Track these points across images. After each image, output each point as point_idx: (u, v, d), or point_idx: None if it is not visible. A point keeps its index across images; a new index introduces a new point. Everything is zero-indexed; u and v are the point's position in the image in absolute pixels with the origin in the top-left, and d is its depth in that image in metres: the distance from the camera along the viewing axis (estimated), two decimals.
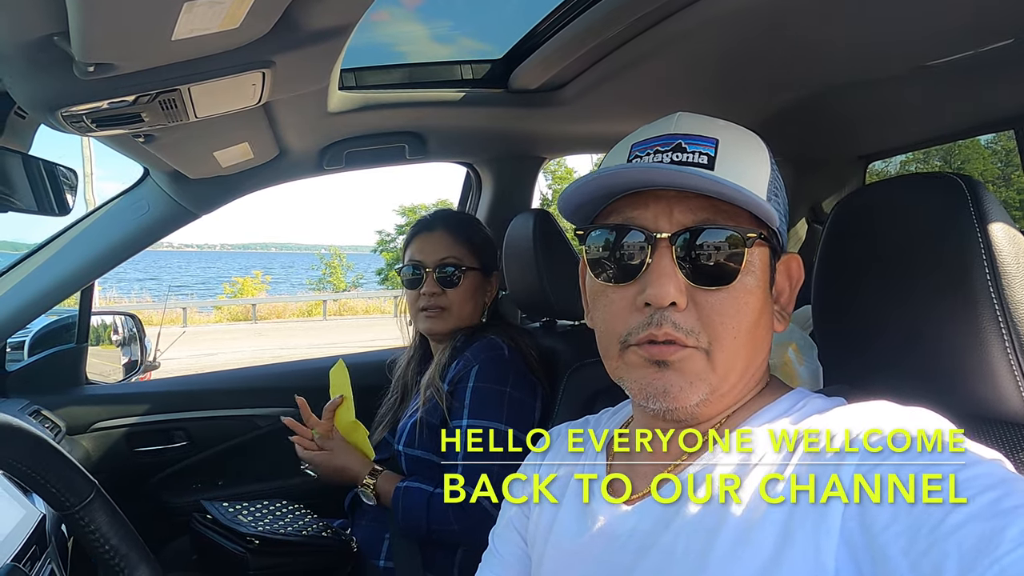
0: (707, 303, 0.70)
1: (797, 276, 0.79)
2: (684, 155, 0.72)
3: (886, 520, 0.55)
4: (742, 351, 0.71)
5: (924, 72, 1.43)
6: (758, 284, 0.72)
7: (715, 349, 0.70)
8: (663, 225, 0.71)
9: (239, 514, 1.58)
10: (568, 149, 2.24)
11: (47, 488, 0.79)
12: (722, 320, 0.70)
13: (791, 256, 0.79)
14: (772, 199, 0.74)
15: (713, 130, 0.74)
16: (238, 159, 1.63)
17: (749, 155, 0.74)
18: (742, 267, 0.70)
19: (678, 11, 1.23)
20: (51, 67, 0.85)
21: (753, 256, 0.71)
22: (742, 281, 0.70)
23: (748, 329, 0.71)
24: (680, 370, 0.71)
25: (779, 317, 0.78)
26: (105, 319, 2.52)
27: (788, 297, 0.78)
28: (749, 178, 0.71)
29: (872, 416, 0.64)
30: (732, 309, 0.70)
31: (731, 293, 0.70)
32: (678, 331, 0.69)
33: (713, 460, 0.71)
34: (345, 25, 1.01)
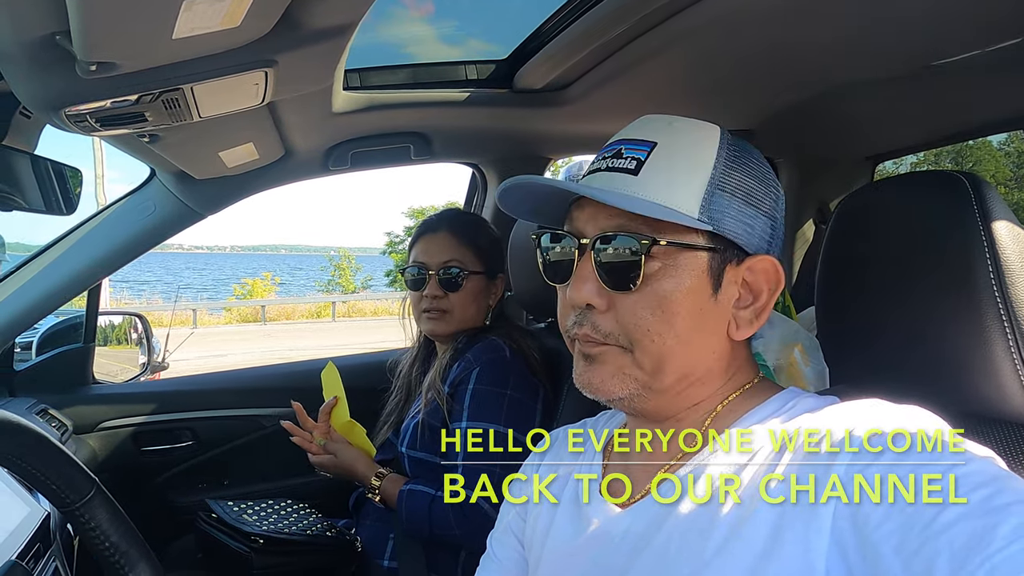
0: (622, 306, 0.73)
1: (774, 279, 0.75)
2: (619, 161, 0.74)
3: (879, 519, 0.55)
4: (674, 353, 0.72)
5: (931, 72, 1.42)
6: (683, 288, 0.72)
7: (636, 349, 0.73)
8: (588, 230, 0.75)
9: (244, 513, 1.58)
10: (573, 149, 2.23)
11: (48, 485, 0.79)
12: (636, 323, 0.72)
13: (762, 258, 0.75)
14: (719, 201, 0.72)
15: (657, 133, 0.75)
16: (243, 159, 1.63)
17: (685, 159, 0.73)
18: (641, 273, 0.71)
19: (683, 10, 1.23)
20: (54, 66, 0.86)
21: (675, 261, 0.71)
22: (656, 286, 0.71)
23: (674, 332, 0.72)
24: (602, 363, 0.75)
25: (746, 321, 0.75)
26: (113, 319, 2.54)
27: (765, 300, 0.75)
28: (674, 184, 0.72)
29: (865, 415, 0.64)
30: (646, 312, 0.72)
31: (643, 296, 0.72)
32: (596, 332, 0.74)
33: (708, 460, 0.71)
34: (347, 24, 1.01)
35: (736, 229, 0.73)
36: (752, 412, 0.74)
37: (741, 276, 0.74)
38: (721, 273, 0.73)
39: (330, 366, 1.68)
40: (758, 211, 0.75)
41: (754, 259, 0.74)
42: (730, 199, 0.73)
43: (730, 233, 0.72)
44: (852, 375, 0.83)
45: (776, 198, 0.77)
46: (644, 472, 0.77)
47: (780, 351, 1.37)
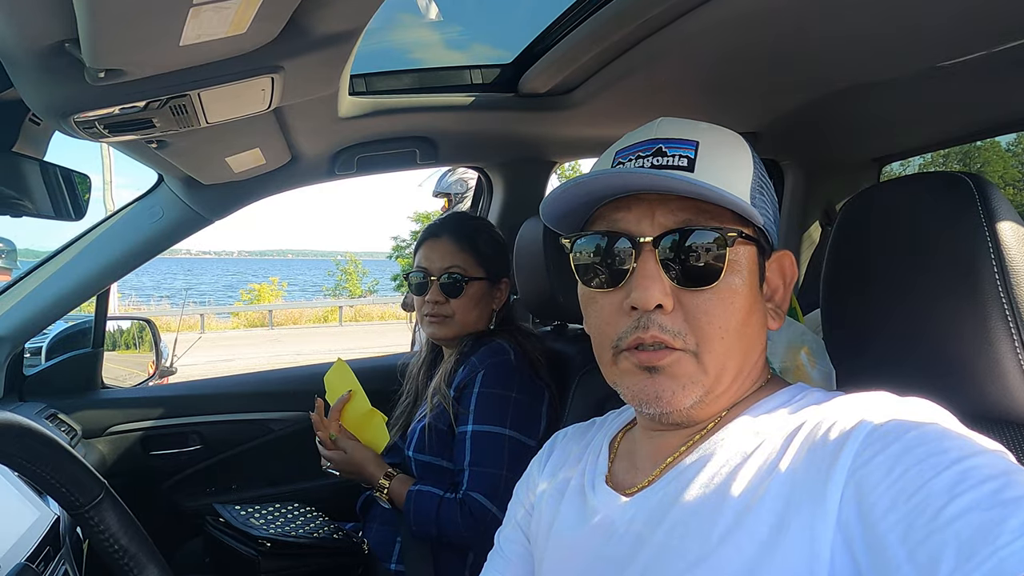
0: (693, 304, 0.71)
1: (791, 273, 0.79)
2: (664, 159, 0.73)
3: (884, 508, 0.55)
4: (733, 351, 0.72)
5: (937, 73, 1.42)
6: (745, 283, 0.72)
7: (703, 350, 0.71)
8: (646, 229, 0.72)
9: (251, 517, 1.59)
10: (578, 152, 2.23)
11: (57, 488, 0.80)
12: (708, 320, 0.71)
13: (783, 254, 0.79)
14: (757, 198, 0.74)
15: (694, 133, 0.75)
16: (250, 164, 1.64)
17: (730, 156, 0.74)
18: (725, 267, 0.70)
19: (686, 13, 1.23)
20: (63, 73, 0.87)
21: (738, 255, 0.72)
22: (727, 280, 0.71)
23: (737, 328, 0.72)
24: (671, 374, 0.72)
25: (773, 315, 0.78)
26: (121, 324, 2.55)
27: (783, 295, 0.79)
28: (730, 178, 0.72)
29: (871, 406, 0.64)
30: (719, 309, 0.71)
31: (716, 293, 0.71)
32: (664, 333, 0.71)
33: (714, 448, 0.71)
34: (352, 30, 1.02)
35: (769, 225, 0.76)
36: (760, 404, 0.74)
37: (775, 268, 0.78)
38: (763, 267, 0.76)
39: (339, 363, 1.69)
40: (775, 210, 0.79)
41: (778, 254, 0.78)
42: (763, 196, 0.76)
43: (767, 228, 0.75)
44: (858, 376, 0.83)
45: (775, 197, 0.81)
46: (650, 462, 0.78)
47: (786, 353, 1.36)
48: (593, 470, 0.84)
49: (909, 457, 0.56)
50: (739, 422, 0.72)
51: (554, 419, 1.58)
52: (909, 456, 0.56)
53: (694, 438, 0.75)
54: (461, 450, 1.50)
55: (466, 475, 1.47)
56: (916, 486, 0.54)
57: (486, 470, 1.46)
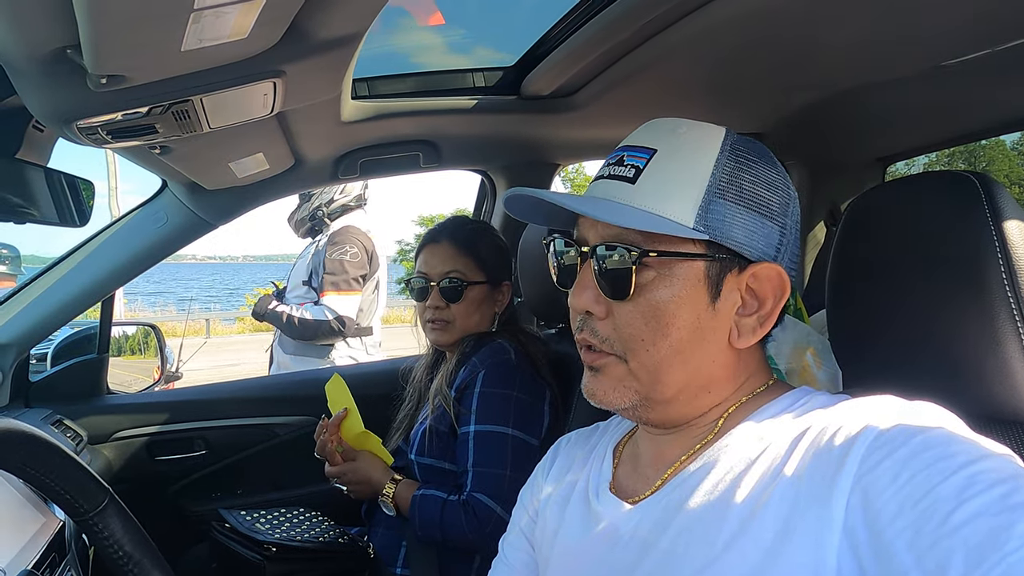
0: (619, 314, 0.74)
1: (775, 287, 0.73)
2: (620, 168, 0.75)
3: (891, 514, 0.54)
4: (668, 362, 0.73)
5: (941, 72, 1.41)
6: (678, 297, 0.71)
7: (630, 358, 0.74)
8: (589, 238, 0.76)
9: (256, 522, 1.58)
10: (582, 155, 2.23)
11: (61, 495, 0.80)
12: (631, 332, 0.73)
13: (766, 266, 0.73)
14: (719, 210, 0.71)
15: (660, 140, 0.75)
16: (253, 169, 1.64)
17: (681, 167, 0.72)
18: (633, 283, 0.71)
19: (689, 14, 1.23)
20: (65, 80, 0.87)
21: (670, 270, 0.71)
22: (650, 295, 0.72)
23: (668, 341, 0.72)
24: (605, 375, 0.76)
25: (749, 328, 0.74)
26: (126, 330, 2.56)
27: (771, 307, 0.74)
28: (669, 193, 0.71)
29: (878, 410, 0.63)
30: (640, 321, 0.72)
31: (637, 306, 0.72)
32: (594, 337, 0.76)
33: (718, 455, 0.71)
34: (354, 34, 1.02)
35: (738, 236, 0.71)
36: (764, 408, 0.73)
37: (744, 283, 0.73)
38: (720, 281, 0.72)
39: (335, 378, 1.68)
40: (764, 217, 0.73)
41: (758, 266, 0.73)
42: (731, 206, 0.71)
43: (730, 241, 0.71)
44: (864, 377, 0.83)
45: (786, 202, 0.75)
46: (654, 470, 0.77)
47: (792, 354, 1.36)
48: (598, 476, 0.84)
49: (916, 462, 0.55)
50: (743, 427, 0.72)
51: (556, 418, 1.58)
52: (916, 461, 0.55)
53: (697, 444, 0.75)
54: (464, 451, 1.50)
55: (470, 476, 1.46)
56: (923, 491, 0.53)
57: (490, 470, 1.46)
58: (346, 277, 3.00)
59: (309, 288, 3.12)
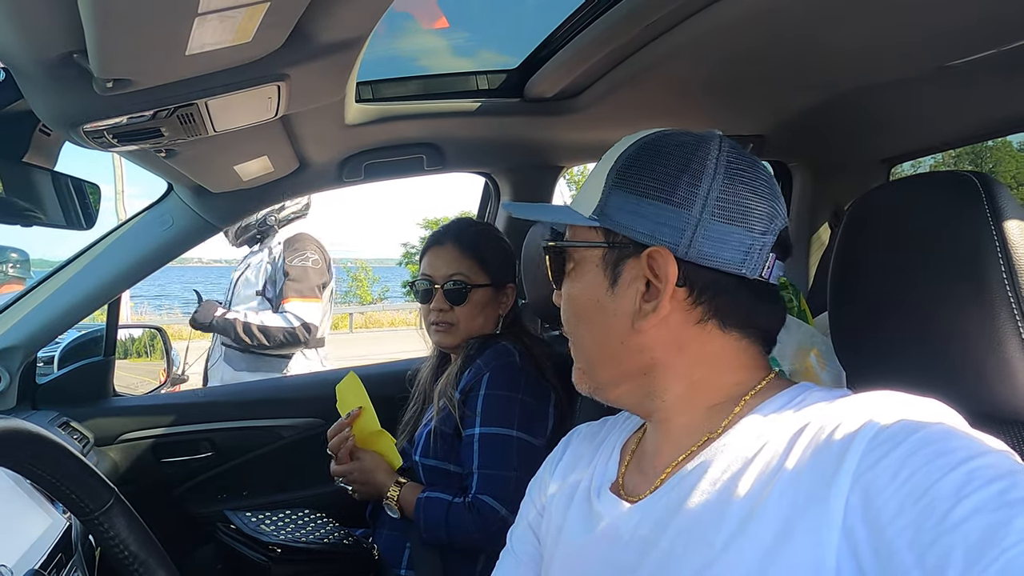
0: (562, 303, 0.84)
1: (663, 269, 0.73)
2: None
3: (892, 513, 0.54)
4: (590, 345, 0.81)
5: (945, 73, 1.41)
6: (583, 284, 0.80)
7: (570, 342, 0.85)
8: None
9: (261, 523, 1.59)
10: (585, 157, 2.23)
11: (67, 494, 0.81)
12: (565, 318, 0.84)
13: (654, 250, 0.73)
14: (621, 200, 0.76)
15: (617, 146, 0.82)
16: (258, 172, 1.65)
17: (598, 169, 0.81)
18: (550, 272, 0.84)
19: (692, 15, 1.23)
20: (71, 84, 0.88)
21: (580, 260, 0.81)
22: (568, 285, 0.82)
23: (585, 326, 0.81)
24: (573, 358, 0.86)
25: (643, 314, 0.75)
26: (133, 332, 2.57)
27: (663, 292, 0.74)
28: (586, 188, 0.81)
29: (877, 406, 0.63)
30: (566, 307, 0.83)
31: (564, 295, 0.83)
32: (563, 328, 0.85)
33: (716, 453, 0.71)
34: (357, 37, 1.03)
35: (629, 222, 0.75)
36: (762, 405, 0.73)
37: (646, 268, 0.75)
38: (618, 266, 0.77)
39: (350, 377, 1.68)
40: (663, 204, 0.74)
41: (649, 250, 0.74)
42: (624, 194, 0.76)
43: (621, 227, 0.75)
44: (865, 377, 0.83)
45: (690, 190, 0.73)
46: (655, 468, 0.78)
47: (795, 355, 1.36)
48: (602, 475, 0.84)
49: (915, 459, 0.55)
50: (742, 425, 0.72)
51: (561, 419, 1.58)
52: (915, 458, 0.56)
53: (696, 443, 0.75)
54: (469, 453, 1.50)
55: (475, 478, 1.47)
56: (923, 489, 0.53)
57: (495, 472, 1.46)
58: (310, 284, 2.87)
59: (263, 299, 2.94)
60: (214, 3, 0.70)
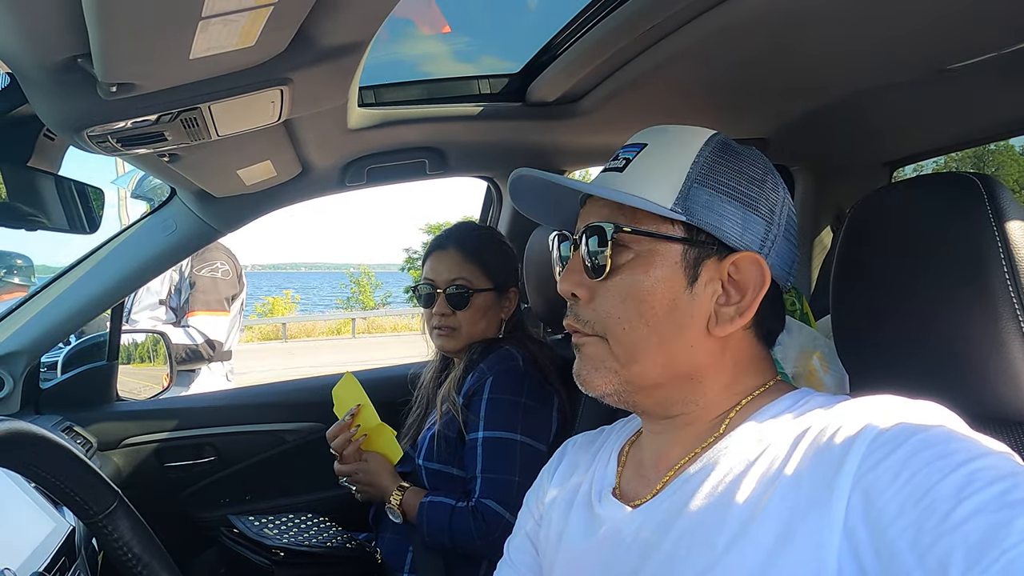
0: (599, 295, 0.77)
1: (753, 278, 0.74)
2: (615, 162, 0.79)
3: (892, 514, 0.55)
4: (645, 344, 0.75)
5: (946, 76, 1.41)
6: (655, 278, 0.74)
7: (609, 338, 0.76)
8: (579, 226, 0.80)
9: (265, 527, 1.59)
10: (588, 161, 2.24)
11: (72, 497, 0.81)
12: (607, 312, 0.76)
13: (745, 255, 0.74)
14: (701, 197, 0.74)
15: (651, 137, 0.79)
16: (261, 177, 1.66)
17: (664, 158, 0.77)
18: (609, 260, 0.75)
19: (693, 19, 1.23)
20: (75, 88, 0.88)
21: (646, 251, 0.74)
22: (628, 275, 0.75)
23: (647, 322, 0.74)
24: (586, 356, 0.79)
25: (727, 317, 0.75)
26: (136, 337, 2.57)
27: (749, 300, 0.74)
28: (654, 179, 0.76)
29: (878, 409, 0.63)
30: (615, 301, 0.75)
31: (615, 285, 0.76)
32: (577, 321, 0.79)
33: (718, 456, 0.71)
34: (360, 42, 1.03)
35: (716, 222, 0.74)
36: (764, 409, 0.74)
37: (726, 272, 0.75)
38: (698, 266, 0.74)
39: (347, 378, 1.69)
40: (747, 208, 0.75)
41: (738, 255, 0.75)
42: (711, 193, 0.74)
43: (709, 226, 0.74)
44: (868, 380, 0.83)
45: (773, 201, 0.77)
46: (655, 472, 0.78)
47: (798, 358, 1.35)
48: (601, 480, 0.84)
49: (915, 461, 0.56)
50: (743, 428, 0.72)
51: (564, 424, 1.58)
52: (915, 460, 0.56)
53: (697, 447, 0.75)
54: (472, 457, 1.50)
55: (479, 482, 1.47)
56: (923, 490, 0.54)
57: (499, 477, 1.46)
58: (217, 296, 2.78)
59: (167, 308, 2.82)
60: (218, 7, 0.71)
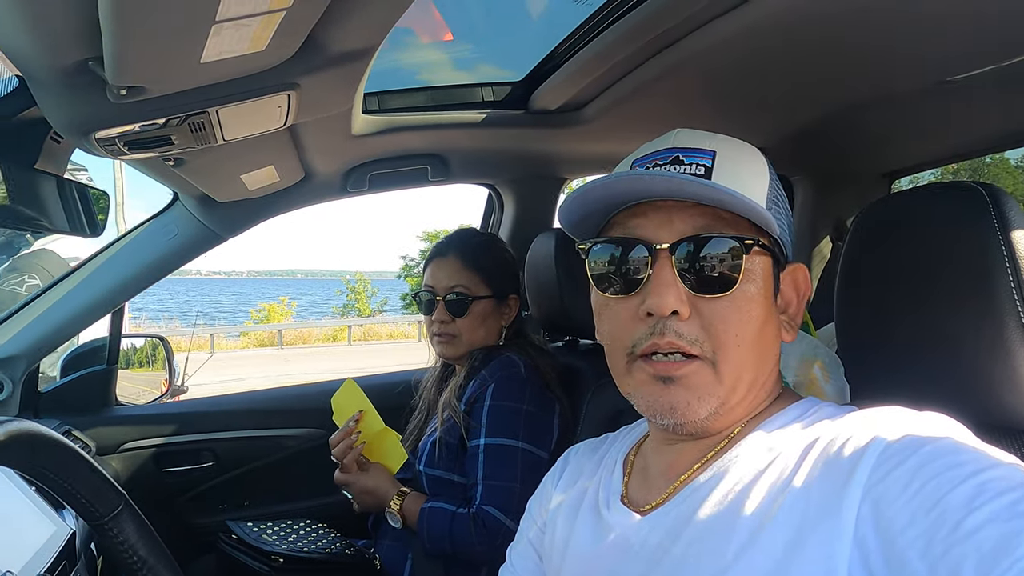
0: (709, 311, 0.71)
1: (804, 287, 0.79)
2: (681, 167, 0.73)
3: (903, 524, 0.55)
4: (748, 360, 0.72)
5: (947, 87, 1.42)
6: (760, 292, 0.72)
7: (720, 359, 0.71)
8: (663, 235, 0.72)
9: (263, 533, 1.59)
10: (589, 169, 2.25)
11: (78, 498, 0.81)
12: (725, 328, 0.70)
13: (797, 266, 0.79)
14: (772, 208, 0.75)
15: (711, 143, 0.75)
16: (264, 182, 1.66)
17: (747, 166, 0.75)
18: (741, 275, 0.70)
19: (696, 29, 1.24)
20: (85, 91, 0.88)
21: (754, 264, 0.72)
22: (743, 289, 0.71)
23: (752, 337, 0.72)
24: (687, 385, 0.71)
25: (786, 327, 0.78)
26: (135, 342, 2.56)
27: (796, 308, 0.78)
28: (747, 187, 0.72)
29: (886, 421, 0.64)
30: (735, 316, 0.71)
31: (733, 301, 0.71)
32: (681, 339, 0.70)
33: (727, 465, 0.71)
34: (367, 48, 1.04)
35: (784, 237, 0.76)
36: (773, 418, 0.74)
37: (785, 281, 0.78)
38: (778, 278, 0.76)
39: (348, 384, 1.68)
40: (787, 219, 0.78)
41: (792, 266, 0.78)
42: (778, 208, 0.76)
43: (782, 239, 0.75)
44: (872, 389, 0.83)
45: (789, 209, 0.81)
46: (664, 480, 0.77)
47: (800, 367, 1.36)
48: (608, 487, 0.84)
49: (925, 471, 0.56)
50: (753, 437, 0.72)
51: (565, 431, 1.58)
52: (925, 470, 0.56)
53: (707, 455, 0.75)
54: (474, 464, 1.50)
55: (479, 489, 1.46)
56: (934, 500, 0.54)
57: (499, 483, 1.46)
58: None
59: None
60: (232, 11, 0.71)
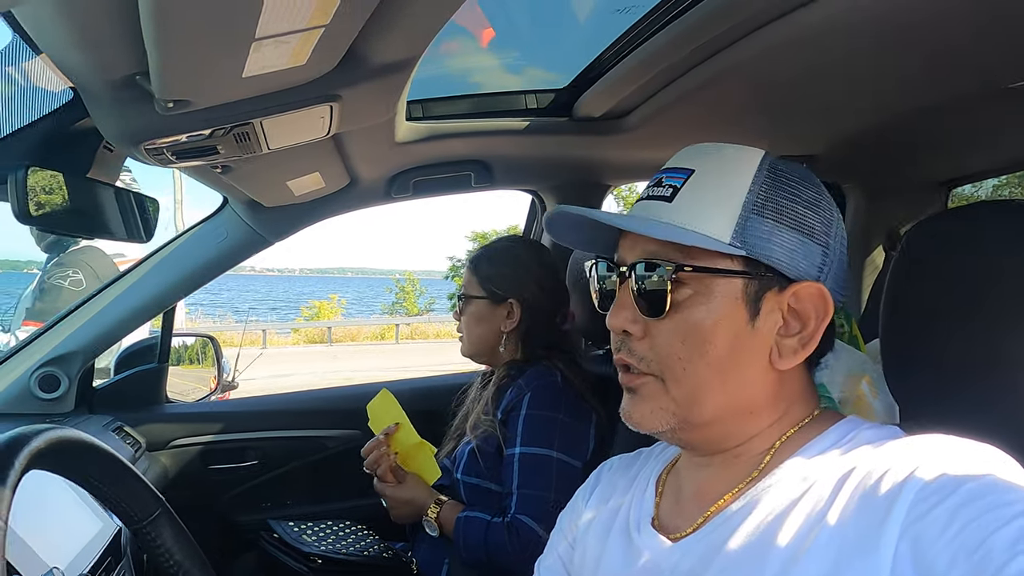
0: (656, 332, 0.73)
1: (816, 307, 0.72)
2: (658, 189, 0.75)
3: (946, 564, 0.52)
4: (707, 383, 0.72)
5: (1008, 94, 1.37)
6: (717, 316, 0.71)
7: (667, 378, 0.73)
8: (627, 258, 0.76)
9: (303, 533, 1.61)
10: (633, 176, 2.22)
11: (117, 503, 0.83)
12: (668, 351, 0.72)
13: (807, 285, 0.72)
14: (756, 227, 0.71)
15: (697, 160, 0.75)
16: (310, 188, 1.69)
17: (717, 185, 0.73)
18: (669, 300, 0.71)
19: (742, 37, 1.21)
20: (134, 104, 0.91)
21: (706, 288, 0.71)
22: (687, 313, 0.71)
23: (709, 361, 0.71)
24: (641, 396, 0.75)
25: (790, 349, 0.73)
26: (186, 340, 2.64)
27: (812, 329, 0.72)
28: (706, 210, 0.72)
29: (928, 452, 0.61)
30: (676, 339, 0.72)
31: (675, 323, 0.72)
32: (631, 357, 0.75)
33: (761, 494, 0.69)
34: (409, 59, 1.04)
35: (776, 254, 0.71)
36: (810, 444, 0.71)
37: (786, 303, 0.72)
38: (759, 300, 0.72)
39: (383, 394, 1.69)
40: (804, 236, 0.72)
41: (799, 285, 0.72)
42: (770, 224, 0.71)
43: (768, 259, 0.71)
44: (919, 408, 0.80)
45: (828, 222, 0.74)
46: (696, 506, 0.76)
47: (846, 383, 1.32)
48: (639, 509, 0.82)
49: (968, 511, 0.53)
50: (788, 465, 0.70)
51: (601, 441, 1.57)
52: (967, 510, 0.54)
53: (740, 483, 0.73)
54: (509, 473, 1.50)
55: (514, 498, 1.46)
56: (977, 541, 0.52)
57: (534, 493, 1.45)
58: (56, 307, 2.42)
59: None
60: (271, 29, 0.72)
